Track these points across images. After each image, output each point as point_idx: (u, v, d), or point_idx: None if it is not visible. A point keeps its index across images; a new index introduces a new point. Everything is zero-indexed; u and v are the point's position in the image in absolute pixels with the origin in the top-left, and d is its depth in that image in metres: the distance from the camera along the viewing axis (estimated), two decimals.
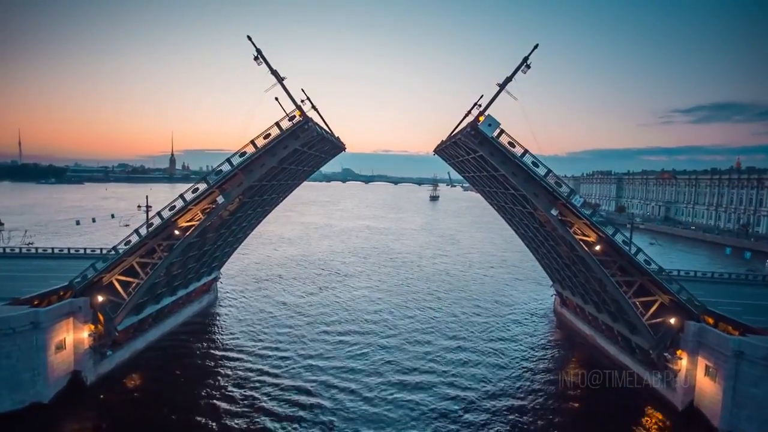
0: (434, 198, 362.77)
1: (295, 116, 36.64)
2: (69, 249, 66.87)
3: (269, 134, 37.09)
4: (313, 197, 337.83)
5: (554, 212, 37.01)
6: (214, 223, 45.06)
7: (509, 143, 36.39)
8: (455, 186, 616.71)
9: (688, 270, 63.45)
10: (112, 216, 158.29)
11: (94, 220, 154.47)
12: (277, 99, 36.87)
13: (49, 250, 66.77)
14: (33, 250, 67.41)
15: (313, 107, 43.87)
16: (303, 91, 42.48)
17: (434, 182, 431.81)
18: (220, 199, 39.29)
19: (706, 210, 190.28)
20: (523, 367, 47.17)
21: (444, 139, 50.31)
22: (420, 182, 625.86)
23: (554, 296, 67.17)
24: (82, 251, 65.68)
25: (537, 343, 55.27)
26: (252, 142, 37.16)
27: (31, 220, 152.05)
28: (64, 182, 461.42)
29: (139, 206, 44.38)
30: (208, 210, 40.67)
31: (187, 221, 41.04)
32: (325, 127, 44.58)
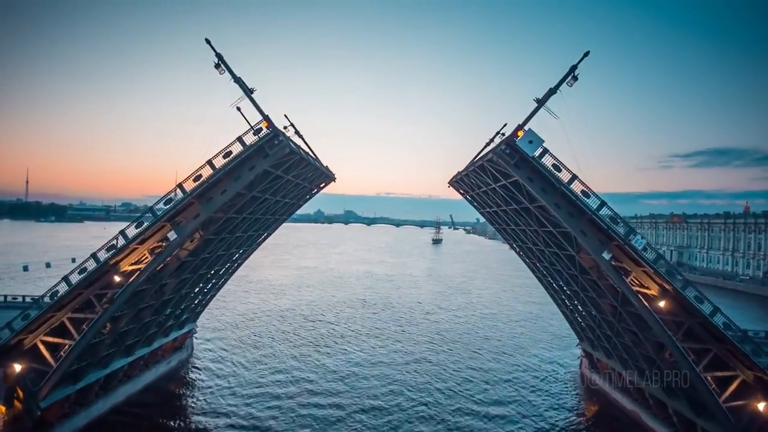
0: (437, 241, 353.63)
1: (261, 128, 28.87)
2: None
3: (230, 152, 29.23)
4: (313, 239, 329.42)
5: (606, 256, 28.62)
6: (171, 266, 36.55)
7: (554, 166, 28.55)
8: (458, 229, 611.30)
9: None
10: (73, 260, 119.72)
11: (48, 265, 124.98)
12: (239, 109, 29.42)
13: None
14: None
15: (297, 133, 36.83)
16: (286, 116, 35.73)
17: (437, 225, 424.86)
18: (172, 235, 31.03)
19: (721, 255, 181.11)
20: None
21: (461, 170, 42.81)
22: (422, 225, 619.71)
23: (581, 358, 57.13)
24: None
25: (561, 419, 44.86)
26: (209, 162, 29.27)
27: (7, 261, 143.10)
28: (64, 221, 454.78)
29: None
30: (158, 249, 32.32)
31: (132, 264, 32.64)
32: (306, 148, 36.90)
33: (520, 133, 28.39)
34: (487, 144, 39.93)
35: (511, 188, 33.25)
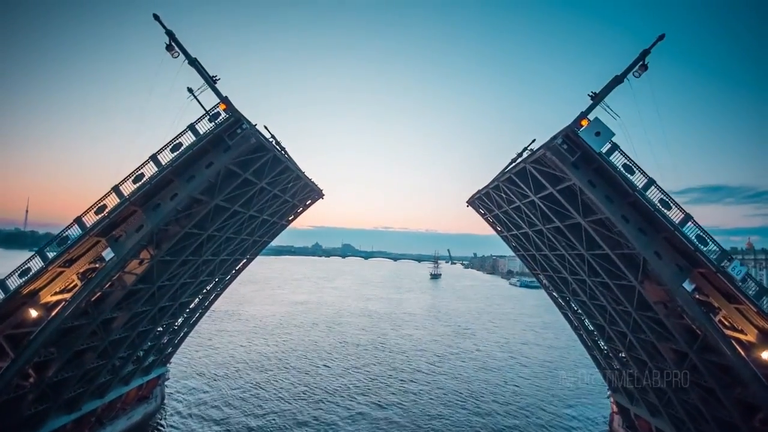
0: (435, 276, 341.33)
1: (219, 113, 22.10)
2: None
3: (180, 144, 22.31)
4: (309, 273, 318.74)
5: (688, 287, 21.47)
6: (114, 295, 28.98)
7: (625, 167, 21.80)
8: (455, 263, 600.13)
9: None
10: None
11: None
12: (190, 90, 22.71)
13: None
14: None
15: (278, 144, 30.34)
16: (266, 128, 29.35)
17: (435, 259, 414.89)
18: (108, 254, 23.73)
19: None
20: None
21: (483, 186, 36.21)
22: (419, 259, 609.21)
23: (612, 414, 47.66)
24: None
25: None
26: (153, 158, 22.31)
27: None
28: None
29: None
30: (91, 273, 24.97)
31: (57, 293, 25.20)
32: (279, 151, 29.88)
33: (585, 122, 21.66)
34: (513, 160, 33.50)
35: (559, 198, 26.33)
